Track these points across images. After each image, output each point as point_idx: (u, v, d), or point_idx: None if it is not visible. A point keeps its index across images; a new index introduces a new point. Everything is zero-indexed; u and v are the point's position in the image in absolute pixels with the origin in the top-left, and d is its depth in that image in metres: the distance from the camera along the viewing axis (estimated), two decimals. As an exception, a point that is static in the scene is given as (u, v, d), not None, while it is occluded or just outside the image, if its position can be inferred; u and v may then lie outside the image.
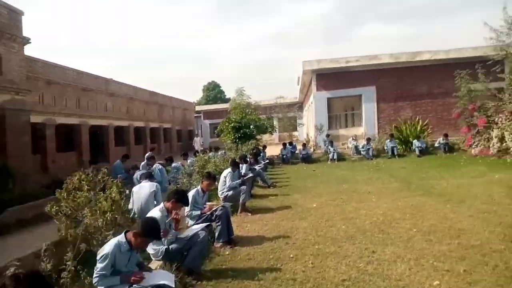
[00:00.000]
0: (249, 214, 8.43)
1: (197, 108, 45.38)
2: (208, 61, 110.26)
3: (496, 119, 15.62)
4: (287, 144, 20.51)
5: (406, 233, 6.27)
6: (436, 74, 22.30)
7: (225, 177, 8.64)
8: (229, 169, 8.88)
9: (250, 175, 10.55)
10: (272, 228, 7.28)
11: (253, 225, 7.61)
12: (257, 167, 12.89)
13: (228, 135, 19.45)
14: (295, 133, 37.57)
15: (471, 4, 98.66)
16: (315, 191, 10.99)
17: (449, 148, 18.62)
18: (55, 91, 20.32)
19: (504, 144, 14.98)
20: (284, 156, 19.74)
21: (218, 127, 21.17)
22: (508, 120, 14.88)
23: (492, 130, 15.82)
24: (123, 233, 3.87)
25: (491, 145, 15.72)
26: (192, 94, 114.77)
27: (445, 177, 11.77)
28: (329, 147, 19.20)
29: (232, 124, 19.20)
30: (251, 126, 19.65)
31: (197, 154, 16.54)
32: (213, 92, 63.36)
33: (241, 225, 7.63)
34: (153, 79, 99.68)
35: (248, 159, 11.61)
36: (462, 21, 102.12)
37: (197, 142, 27.70)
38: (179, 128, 38.78)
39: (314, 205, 8.98)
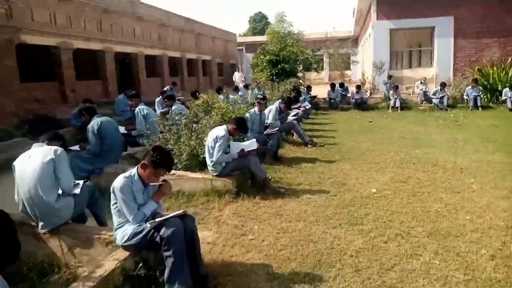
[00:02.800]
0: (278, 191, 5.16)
1: (239, 39, 40.88)
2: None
3: None
4: (337, 86, 16.36)
5: None
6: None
7: (217, 137, 5.16)
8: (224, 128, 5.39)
9: (276, 128, 7.05)
10: (293, 239, 3.87)
11: (265, 226, 4.22)
12: (290, 116, 9.24)
13: (263, 70, 15.57)
14: (348, 73, 32.14)
15: None
16: (374, 157, 7.29)
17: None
18: (70, 10, 17.08)
19: None
20: (332, 100, 15.69)
21: (251, 60, 17.30)
22: None
23: None
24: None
25: None
26: (237, 26, 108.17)
27: None
28: (391, 92, 14.78)
29: (267, 57, 15.18)
30: (292, 61, 15.54)
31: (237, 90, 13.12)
32: (260, 24, 57.91)
33: (241, 227, 4.26)
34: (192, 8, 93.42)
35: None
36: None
37: (237, 77, 23.65)
38: (220, 61, 35.02)
39: (373, 190, 5.37)
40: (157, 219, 3.03)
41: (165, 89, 13.69)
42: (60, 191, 3.58)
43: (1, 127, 8.76)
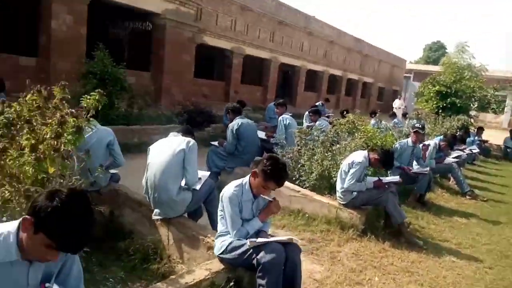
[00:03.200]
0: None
1: (408, 66, 38.24)
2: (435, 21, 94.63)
3: None
4: (519, 134, 13.60)
5: None
6: None
7: (353, 162, 4.50)
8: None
9: (426, 169, 5.99)
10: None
11: (388, 281, 3.45)
12: (451, 158, 7.86)
13: (428, 101, 13.89)
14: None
15: None
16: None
17: None
18: (249, 19, 18.44)
19: None
20: (509, 150, 13.10)
21: (418, 88, 15.66)
22: None
23: None
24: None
25: None
26: (410, 53, 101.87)
27: None
28: None
29: (437, 88, 13.47)
30: (465, 96, 13.46)
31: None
32: (436, 54, 53.41)
33: None
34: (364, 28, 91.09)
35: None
36: None
37: (397, 104, 22.02)
38: (382, 85, 33.43)
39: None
40: (258, 239, 2.65)
41: (317, 103, 13.44)
42: (183, 183, 3.53)
43: (166, 112, 9.77)
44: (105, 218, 3.69)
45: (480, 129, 13.08)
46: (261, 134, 6.79)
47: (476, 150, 10.84)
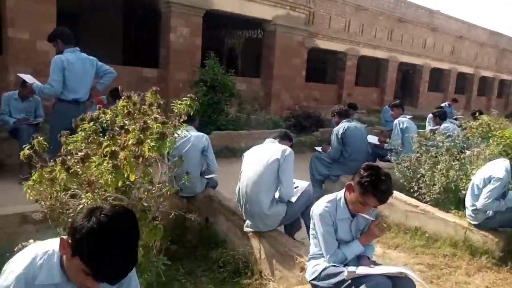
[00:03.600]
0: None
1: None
2: None
3: None
4: None
5: None
6: None
7: (491, 177, 3.56)
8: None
9: None
10: None
11: None
12: None
13: None
14: None
15: None
16: None
17: None
18: (364, 18, 17.46)
19: None
20: None
21: None
22: None
23: None
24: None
25: None
26: None
27: None
28: None
29: None
30: None
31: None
32: None
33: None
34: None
35: None
36: None
37: None
38: (525, 82, 28.58)
39: None
40: (358, 269, 2.15)
41: (442, 104, 11.91)
42: (277, 195, 3.20)
43: (274, 117, 9.64)
44: (200, 225, 3.57)
45: None
46: (373, 139, 6.10)
47: None
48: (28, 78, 4.54)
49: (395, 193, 3.93)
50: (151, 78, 9.12)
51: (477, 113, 7.32)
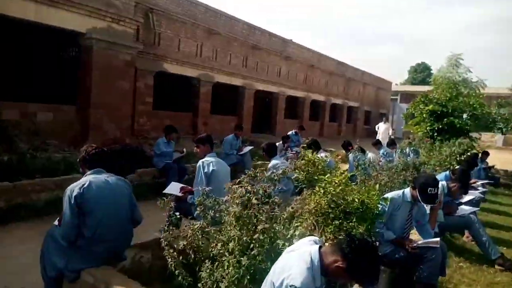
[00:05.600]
0: None
1: (394, 88, 36.25)
2: (417, 44, 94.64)
3: None
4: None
5: None
6: None
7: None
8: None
9: (436, 240, 3.43)
10: None
11: None
12: (464, 203, 5.33)
13: (421, 123, 11.38)
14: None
15: None
16: None
17: None
18: (217, 43, 16.26)
19: None
20: (520, 176, 10.59)
21: (407, 109, 13.25)
22: None
23: None
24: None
25: None
26: (397, 76, 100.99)
27: None
28: None
29: (430, 107, 10.92)
30: (465, 115, 10.94)
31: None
32: (421, 75, 51.74)
33: None
34: (355, 60, 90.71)
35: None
36: None
37: (381, 129, 18.69)
38: (369, 109, 31.25)
39: None
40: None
41: (289, 133, 10.96)
42: None
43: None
44: None
45: (485, 154, 10.58)
46: (173, 190, 4.27)
47: (485, 181, 8.30)
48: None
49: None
50: None
51: (312, 146, 6.02)
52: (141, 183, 6.65)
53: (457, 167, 6.40)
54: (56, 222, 2.98)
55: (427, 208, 3.76)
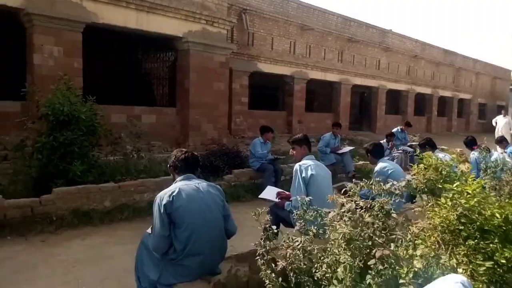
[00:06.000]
0: None
1: (516, 76, 31.45)
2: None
3: None
4: None
5: None
6: None
7: None
8: None
9: None
10: None
11: None
12: None
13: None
14: None
15: None
16: None
17: None
18: (311, 39, 15.75)
19: None
20: None
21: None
22: None
23: None
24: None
25: None
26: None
27: None
28: None
29: None
30: None
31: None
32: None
33: None
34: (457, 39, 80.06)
35: None
36: None
37: (501, 124, 15.82)
38: (483, 101, 27.62)
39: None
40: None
41: (394, 130, 9.93)
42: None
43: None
44: None
45: None
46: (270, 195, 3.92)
47: None
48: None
49: None
50: (12, 113, 6.70)
51: (427, 146, 5.15)
52: (238, 184, 6.49)
53: None
54: (149, 230, 2.81)
55: None
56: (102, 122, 5.66)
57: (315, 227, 2.43)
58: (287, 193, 3.97)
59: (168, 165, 2.85)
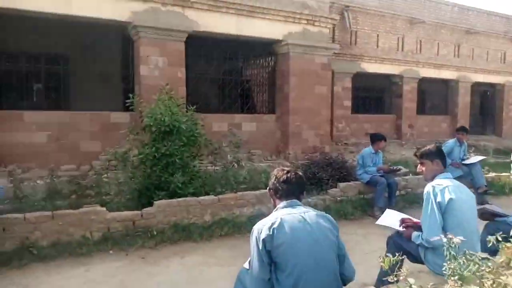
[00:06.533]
0: None
1: None
2: None
3: None
4: None
5: None
6: None
7: None
8: None
9: None
10: None
11: None
12: None
13: None
14: None
15: None
16: None
17: None
18: (421, 33, 14.16)
19: None
20: None
21: None
22: None
23: None
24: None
25: None
26: None
27: None
28: None
29: None
30: None
31: None
32: None
33: None
34: None
35: None
36: None
37: None
38: None
39: None
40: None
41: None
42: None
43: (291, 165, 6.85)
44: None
45: None
46: (390, 221, 3.16)
47: None
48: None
49: None
50: (123, 124, 7.00)
51: None
52: (344, 199, 5.75)
53: None
54: (246, 265, 2.32)
55: None
56: (203, 131, 5.48)
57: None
58: (414, 220, 3.15)
59: (268, 188, 2.32)
